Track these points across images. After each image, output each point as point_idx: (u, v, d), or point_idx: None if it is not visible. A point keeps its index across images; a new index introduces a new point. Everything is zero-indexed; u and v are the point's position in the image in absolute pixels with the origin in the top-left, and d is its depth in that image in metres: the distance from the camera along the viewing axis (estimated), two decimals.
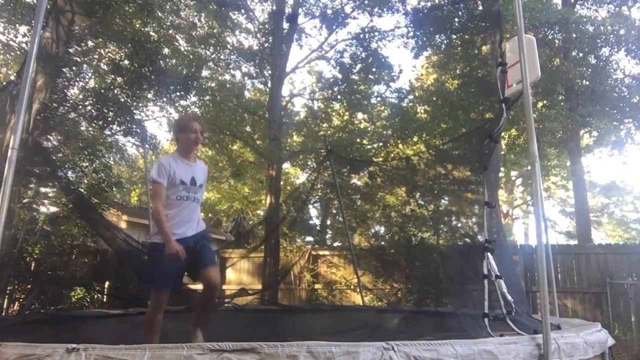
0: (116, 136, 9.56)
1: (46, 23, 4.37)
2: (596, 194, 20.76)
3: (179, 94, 9.03)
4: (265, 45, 11.56)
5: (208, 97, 12.11)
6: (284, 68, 11.40)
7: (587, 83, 10.47)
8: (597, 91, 9.98)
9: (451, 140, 9.10)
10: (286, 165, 14.56)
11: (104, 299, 8.42)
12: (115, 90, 7.95)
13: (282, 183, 12.99)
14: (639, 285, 7.30)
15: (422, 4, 11.57)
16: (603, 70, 10.42)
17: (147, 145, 8.83)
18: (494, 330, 2.90)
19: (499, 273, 3.17)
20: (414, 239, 9.16)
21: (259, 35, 11.94)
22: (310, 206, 13.05)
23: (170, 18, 11.20)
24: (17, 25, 8.22)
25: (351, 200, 10.36)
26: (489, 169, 3.50)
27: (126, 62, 7.96)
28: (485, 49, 11.39)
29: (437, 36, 11.41)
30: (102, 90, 7.97)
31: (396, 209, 9.99)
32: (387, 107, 13.30)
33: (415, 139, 12.45)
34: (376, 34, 11.92)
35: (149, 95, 9.17)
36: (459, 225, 7.76)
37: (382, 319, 5.55)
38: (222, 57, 12.26)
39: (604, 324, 3.72)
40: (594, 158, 22.91)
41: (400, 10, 11.29)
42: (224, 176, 15.71)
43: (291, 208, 10.54)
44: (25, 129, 4.15)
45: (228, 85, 12.87)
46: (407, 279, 8.92)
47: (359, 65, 12.12)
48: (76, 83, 8.13)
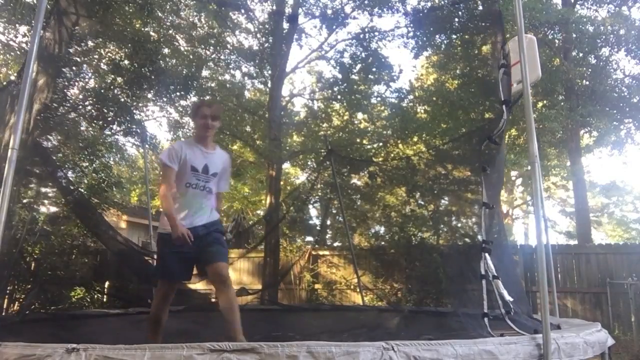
0: (116, 136, 9.58)
1: (47, 23, 4.37)
2: (596, 194, 20.77)
3: (179, 94, 9.03)
4: (265, 45, 11.55)
5: (208, 97, 12.12)
6: (284, 68, 11.39)
7: (587, 83, 10.46)
8: (597, 91, 9.97)
9: (451, 140, 9.11)
10: (286, 165, 14.55)
11: (104, 299, 8.42)
12: (115, 90, 7.95)
13: (282, 183, 12.98)
14: (639, 285, 7.30)
15: (422, 4, 11.58)
16: (603, 70, 10.42)
17: (147, 145, 8.85)
18: (494, 330, 2.90)
19: (498, 273, 3.17)
20: (414, 239, 9.16)
21: (259, 35, 11.94)
22: (310, 206, 13.06)
23: (170, 18, 11.20)
24: (17, 25, 8.22)
25: (351, 200, 10.36)
26: (491, 170, 3.49)
27: (126, 62, 7.96)
28: (485, 49, 11.39)
29: (437, 36, 11.41)
30: (102, 90, 7.97)
31: (396, 209, 10.00)
32: (387, 107, 13.30)
33: (415, 139, 12.45)
34: (376, 34, 11.91)
35: (149, 95, 9.17)
36: (459, 225, 7.77)
37: (382, 319, 5.56)
38: (222, 57, 12.26)
39: (604, 324, 3.72)
40: (594, 158, 22.91)
41: (400, 10, 11.27)
42: None
43: (291, 208, 10.54)
44: (26, 129, 4.15)
45: (228, 85, 12.86)
46: (407, 279, 8.91)
47: (359, 65, 12.11)
48: (76, 83, 8.13)
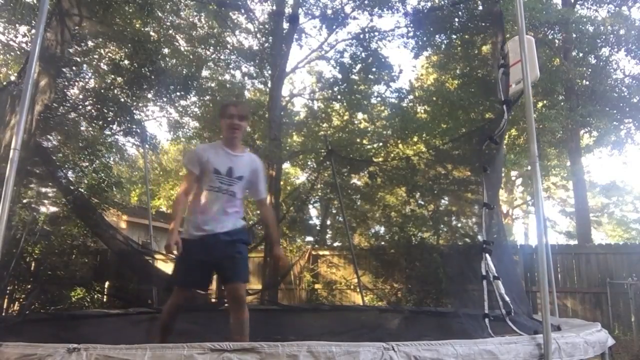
0: (116, 136, 9.58)
1: (49, 24, 4.36)
2: (596, 194, 20.76)
3: (179, 94, 9.04)
4: (265, 45, 11.56)
5: (208, 97, 12.13)
6: (284, 68, 11.40)
7: (587, 83, 10.46)
8: (597, 91, 9.97)
9: (451, 140, 9.10)
10: (286, 165, 14.56)
11: (104, 299, 8.42)
12: (115, 90, 7.96)
13: (282, 183, 12.98)
14: (639, 285, 7.30)
15: (422, 4, 11.59)
16: (603, 70, 10.41)
17: (147, 145, 8.85)
18: (494, 330, 2.90)
19: (499, 273, 3.17)
20: (414, 239, 9.15)
21: (259, 35, 11.94)
22: (310, 206, 13.06)
23: (170, 18, 11.21)
24: (17, 25, 8.22)
25: (351, 200, 10.36)
26: (490, 170, 3.48)
27: (126, 62, 7.96)
28: (485, 49, 11.39)
29: (437, 36, 11.42)
30: (102, 90, 7.97)
31: (396, 209, 10.00)
32: (387, 107, 13.31)
33: (415, 139, 12.46)
34: (376, 34, 11.93)
35: (149, 95, 9.18)
36: (459, 225, 7.76)
37: (382, 319, 5.56)
38: (222, 57, 12.27)
39: (604, 324, 3.72)
40: (594, 158, 22.96)
41: (400, 10, 11.29)
42: None
43: (291, 208, 10.53)
44: (28, 129, 4.15)
45: (228, 85, 12.87)
46: (407, 279, 8.90)
47: (359, 65, 12.12)
48: (76, 83, 8.13)
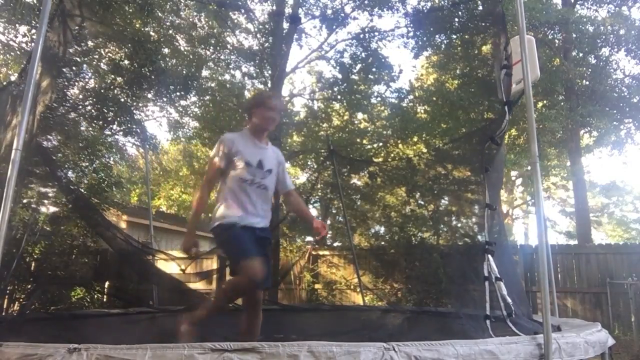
0: (116, 136, 9.57)
1: (51, 24, 4.35)
2: (596, 194, 20.77)
3: (179, 94, 9.04)
4: (265, 45, 11.56)
5: (208, 97, 12.12)
6: (284, 68, 11.39)
7: (587, 83, 10.46)
8: (597, 91, 9.97)
9: (452, 141, 9.11)
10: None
11: (104, 299, 8.42)
12: (115, 90, 7.96)
13: None
14: (639, 285, 7.30)
15: (422, 4, 11.60)
16: (603, 70, 10.41)
17: (147, 145, 8.85)
18: (494, 331, 2.90)
19: (499, 274, 3.16)
20: (414, 239, 9.15)
21: (259, 35, 11.94)
22: (311, 206, 13.04)
23: (170, 18, 11.21)
24: (17, 25, 8.22)
25: (351, 200, 10.35)
26: (491, 170, 3.47)
27: (126, 62, 7.96)
28: (485, 49, 11.39)
29: (437, 36, 11.42)
30: (102, 90, 7.97)
31: (396, 209, 9.98)
32: (387, 107, 13.31)
33: (415, 139, 12.46)
34: (376, 34, 11.93)
35: (149, 95, 9.18)
36: (459, 225, 7.76)
37: (383, 319, 5.55)
38: (222, 57, 12.26)
39: (604, 324, 3.72)
40: (594, 158, 22.99)
41: (400, 10, 11.29)
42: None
43: None
44: (29, 129, 4.14)
45: (228, 85, 12.86)
46: (407, 279, 8.90)
47: (359, 65, 12.12)
48: (76, 83, 8.13)
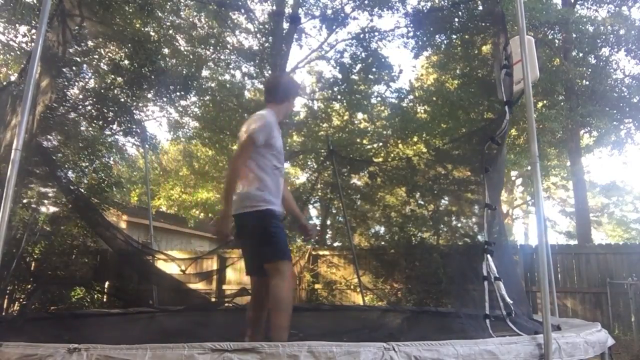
0: (116, 136, 9.58)
1: (50, 24, 4.35)
2: (596, 194, 20.78)
3: (179, 94, 9.03)
4: (265, 45, 11.56)
5: (208, 97, 12.13)
6: (284, 68, 11.40)
7: (587, 83, 10.46)
8: (597, 91, 9.97)
9: (452, 140, 9.10)
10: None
11: (104, 299, 8.42)
12: (115, 90, 7.96)
13: None
14: (639, 285, 7.29)
15: (422, 4, 11.61)
16: (603, 70, 10.41)
17: (147, 145, 8.85)
18: (494, 331, 2.90)
19: (499, 274, 3.16)
20: (414, 239, 9.15)
21: (259, 35, 11.94)
22: (311, 206, 13.05)
23: (170, 18, 11.21)
24: (17, 25, 8.22)
25: (351, 200, 10.35)
26: (492, 171, 3.47)
27: (126, 62, 7.96)
28: (485, 49, 11.39)
29: (437, 36, 11.43)
30: (102, 90, 7.97)
31: (396, 209, 9.98)
32: (387, 107, 13.33)
33: (415, 139, 12.47)
34: (376, 34, 11.95)
35: (149, 95, 9.17)
36: (459, 225, 7.76)
37: (383, 319, 5.55)
38: (222, 57, 12.28)
39: (604, 324, 3.72)
40: (594, 158, 23.02)
41: (400, 10, 11.31)
42: (224, 176, 15.69)
43: None
44: (29, 129, 4.14)
45: (228, 85, 12.88)
46: (407, 279, 8.90)
47: (359, 65, 12.14)
48: (76, 83, 8.13)
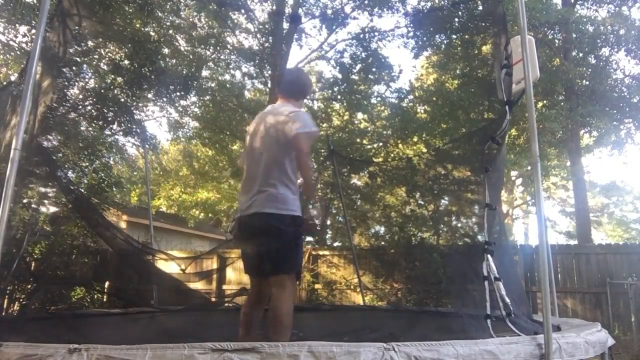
0: (116, 136, 9.58)
1: (50, 24, 4.35)
2: (596, 194, 20.79)
3: (179, 94, 9.04)
4: (265, 45, 11.56)
5: (208, 97, 12.14)
6: (284, 68, 11.40)
7: (587, 83, 10.46)
8: (597, 91, 9.97)
9: (452, 141, 9.10)
10: None
11: (104, 299, 8.42)
12: (115, 90, 7.96)
13: None
14: (639, 285, 7.29)
15: (422, 4, 11.61)
16: (603, 70, 10.42)
17: (147, 145, 8.85)
18: (495, 331, 2.89)
19: (499, 274, 3.16)
20: (414, 239, 9.15)
21: (259, 35, 11.94)
22: (310, 206, 13.03)
23: (170, 18, 11.22)
24: (17, 25, 8.22)
25: (351, 200, 10.35)
26: (491, 170, 3.46)
27: (126, 62, 7.96)
28: (485, 49, 11.40)
29: (437, 36, 11.43)
30: (102, 90, 7.97)
31: (396, 209, 9.97)
32: (387, 107, 13.33)
33: (415, 139, 12.47)
34: (376, 34, 11.95)
35: (149, 95, 9.18)
36: (459, 225, 7.76)
37: (383, 319, 5.55)
38: (222, 57, 12.29)
39: (604, 324, 3.71)
40: (594, 158, 23.03)
41: (400, 10, 11.32)
42: (224, 176, 15.71)
43: None
44: (30, 130, 4.14)
45: (228, 85, 12.89)
46: (407, 279, 8.90)
47: (359, 65, 12.14)
48: (76, 83, 8.13)
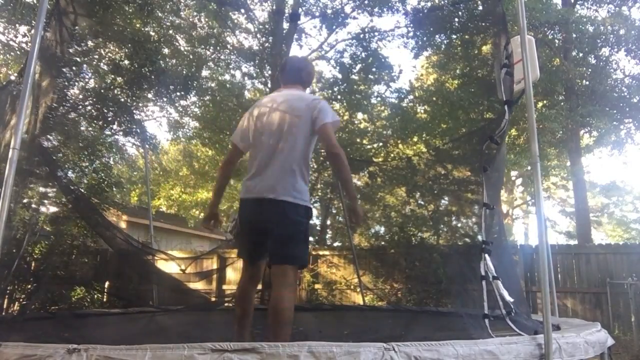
0: (116, 136, 9.58)
1: (48, 24, 4.36)
2: (596, 194, 20.78)
3: (179, 94, 9.04)
4: (265, 45, 11.56)
5: (208, 97, 12.13)
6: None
7: (587, 83, 10.46)
8: (597, 91, 9.97)
9: (451, 140, 9.11)
10: None
11: (104, 299, 8.42)
12: (115, 90, 7.96)
13: None
14: (639, 285, 7.29)
15: (422, 4, 11.61)
16: (603, 70, 10.42)
17: (147, 145, 8.86)
18: (495, 331, 2.89)
19: (498, 274, 3.16)
20: (414, 239, 9.15)
21: (259, 35, 11.94)
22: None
23: (170, 18, 11.21)
24: (17, 25, 8.22)
25: None
26: (491, 170, 3.46)
27: (126, 62, 7.97)
28: (485, 49, 11.39)
29: (437, 36, 11.43)
30: (102, 90, 7.98)
31: (396, 209, 9.98)
32: (387, 107, 13.33)
33: (415, 139, 12.47)
34: (376, 34, 11.94)
35: (149, 95, 9.18)
36: (459, 225, 7.76)
37: (383, 319, 5.55)
38: (222, 57, 12.28)
39: (603, 324, 3.71)
40: (594, 158, 23.02)
41: (400, 10, 11.30)
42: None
43: None
44: (31, 130, 4.14)
45: (228, 85, 12.87)
46: (407, 279, 8.90)
47: (359, 65, 12.13)
48: (76, 83, 8.13)
